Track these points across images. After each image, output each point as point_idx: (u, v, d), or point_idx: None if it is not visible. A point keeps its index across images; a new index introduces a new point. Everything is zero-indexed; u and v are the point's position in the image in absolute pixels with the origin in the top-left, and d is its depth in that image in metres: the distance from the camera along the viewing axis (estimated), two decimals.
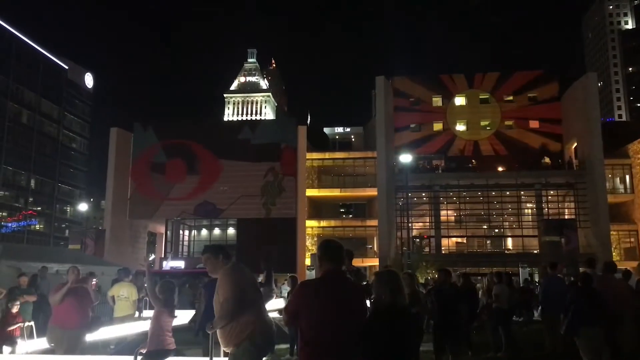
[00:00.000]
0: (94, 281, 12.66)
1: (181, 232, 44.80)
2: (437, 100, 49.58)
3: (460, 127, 49.07)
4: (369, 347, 4.16)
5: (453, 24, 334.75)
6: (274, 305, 11.52)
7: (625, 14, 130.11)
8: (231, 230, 44.44)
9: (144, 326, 8.10)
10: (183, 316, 9.03)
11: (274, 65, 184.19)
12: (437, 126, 49.12)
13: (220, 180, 41.89)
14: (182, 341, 8.12)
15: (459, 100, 49.59)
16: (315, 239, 43.42)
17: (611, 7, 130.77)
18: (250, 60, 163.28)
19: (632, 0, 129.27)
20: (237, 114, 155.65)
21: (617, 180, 45.09)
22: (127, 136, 43.99)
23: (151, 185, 42.03)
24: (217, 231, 46.54)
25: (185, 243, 45.43)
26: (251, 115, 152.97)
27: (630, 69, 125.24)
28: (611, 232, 40.56)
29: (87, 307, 7.92)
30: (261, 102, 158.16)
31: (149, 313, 10.43)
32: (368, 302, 5.03)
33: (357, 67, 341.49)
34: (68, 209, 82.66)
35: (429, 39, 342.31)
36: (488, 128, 48.55)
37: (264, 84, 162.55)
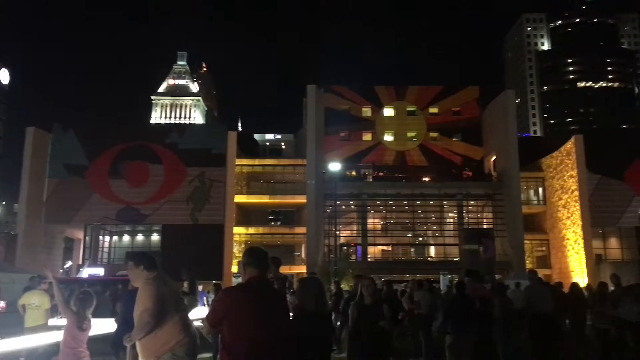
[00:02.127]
0: None
1: (101, 238, 42.86)
2: (367, 111, 50.73)
3: (388, 137, 50.40)
4: (294, 351, 4.18)
5: (385, 39, 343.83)
6: (199, 314, 11.28)
7: (542, 36, 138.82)
8: (155, 237, 43.09)
9: (57, 336, 7.69)
10: (101, 325, 8.65)
11: (205, 69, 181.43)
12: (366, 136, 50.22)
13: (146, 185, 40.62)
14: (98, 352, 7.77)
15: (388, 112, 50.98)
16: (243, 245, 42.96)
17: (529, 28, 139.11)
18: (180, 62, 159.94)
19: (548, 22, 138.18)
20: (165, 117, 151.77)
21: (532, 192, 47.86)
22: (45, 137, 41.74)
23: (70, 188, 40.06)
24: (140, 237, 44.98)
25: (105, 249, 43.51)
26: (180, 119, 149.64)
27: (545, 87, 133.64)
28: (525, 241, 42.95)
29: None
30: (190, 106, 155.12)
31: (54, 322, 9.98)
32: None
33: (290, 75, 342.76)
34: None
35: (360, 50, 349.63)
36: (414, 139, 50.19)
37: (194, 87, 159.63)
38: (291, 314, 4.77)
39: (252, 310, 3.62)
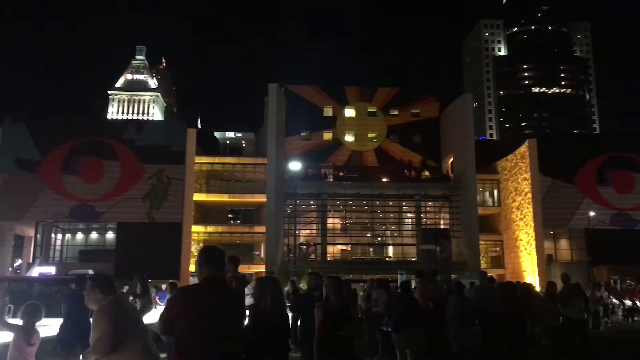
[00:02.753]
0: None
1: (53, 235, 41.53)
2: (328, 111, 50.96)
3: (349, 137, 50.75)
4: (250, 351, 4.15)
5: (346, 39, 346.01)
6: (154, 316, 11.06)
7: (499, 42, 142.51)
8: (110, 235, 42.05)
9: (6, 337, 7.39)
10: (53, 327, 8.40)
11: (165, 64, 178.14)
12: (327, 136, 50.44)
13: (101, 181, 39.61)
14: (47, 353, 7.53)
15: (349, 112, 51.34)
16: (201, 244, 42.43)
17: (487, 34, 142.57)
18: (138, 57, 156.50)
19: (505, 29, 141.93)
20: (123, 113, 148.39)
21: (487, 194, 49.11)
22: None
23: (20, 184, 38.66)
24: (94, 235, 43.83)
25: (58, 248, 42.18)
26: (138, 115, 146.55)
27: (501, 92, 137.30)
28: (480, 242, 44.03)
29: None
30: (149, 102, 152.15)
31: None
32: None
33: (251, 73, 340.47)
34: None
35: (323, 51, 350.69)
36: (374, 140, 50.70)
37: (152, 83, 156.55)
38: (253, 315, 4.74)
39: (206, 310, 3.57)
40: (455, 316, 9.63)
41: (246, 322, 4.53)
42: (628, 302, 20.73)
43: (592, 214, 41.80)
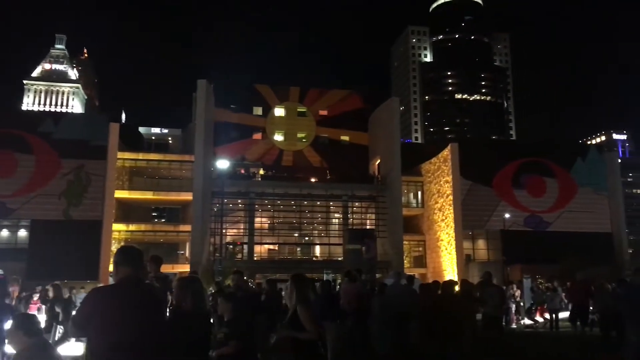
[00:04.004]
0: None
1: None
2: (258, 110, 50.69)
3: (279, 137, 50.71)
4: (169, 352, 4.05)
5: (278, 39, 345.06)
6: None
7: (425, 48, 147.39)
8: (23, 233, 39.58)
9: None
10: None
11: (86, 55, 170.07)
12: (257, 135, 50.14)
13: (13, 176, 37.25)
14: None
15: (279, 112, 51.30)
16: (123, 243, 40.88)
17: (414, 40, 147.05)
18: (58, 46, 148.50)
19: (431, 36, 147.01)
20: (40, 104, 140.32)
21: (411, 195, 50.61)
22: None
23: None
24: (5, 233, 41.04)
25: None
26: (56, 107, 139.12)
27: (427, 97, 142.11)
28: (404, 242, 45.32)
29: None
30: (69, 94, 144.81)
31: None
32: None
33: (180, 69, 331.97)
34: None
35: (253, 49, 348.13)
36: (304, 140, 50.97)
37: (73, 74, 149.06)
38: (168, 315, 4.62)
39: (121, 311, 3.45)
40: (379, 315, 9.86)
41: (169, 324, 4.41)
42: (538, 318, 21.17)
43: (507, 216, 44.12)
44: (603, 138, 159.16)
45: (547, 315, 19.36)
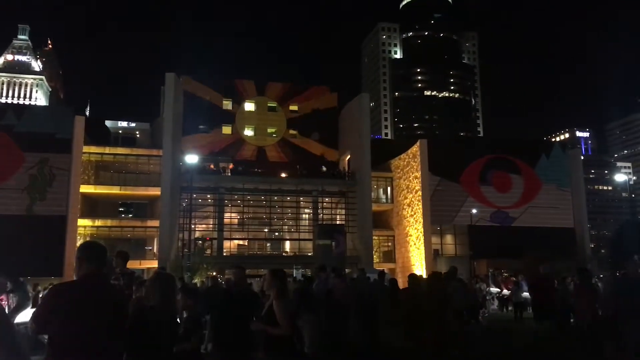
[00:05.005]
0: None
1: None
2: (228, 104, 50.17)
3: (249, 132, 50.36)
4: (133, 349, 4.00)
5: (249, 33, 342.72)
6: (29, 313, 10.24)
7: (396, 45, 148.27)
8: None
9: None
10: None
11: (51, 46, 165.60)
12: (226, 129, 49.66)
13: None
14: None
15: (249, 106, 50.90)
16: (88, 239, 40.04)
17: (384, 36, 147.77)
18: (21, 36, 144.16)
19: (401, 33, 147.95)
20: (1, 96, 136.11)
21: (381, 191, 50.98)
22: None
23: None
24: None
25: None
26: (19, 99, 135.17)
27: (396, 93, 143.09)
28: (373, 237, 45.65)
29: None
30: (32, 85, 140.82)
31: None
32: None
33: (148, 61, 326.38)
34: None
35: (223, 43, 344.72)
36: (274, 135, 50.73)
37: (36, 65, 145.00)
38: (136, 311, 4.55)
39: (82, 308, 3.37)
40: (354, 308, 9.98)
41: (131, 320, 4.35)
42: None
43: (474, 211, 44.87)
44: (567, 136, 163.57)
45: (511, 307, 19.86)
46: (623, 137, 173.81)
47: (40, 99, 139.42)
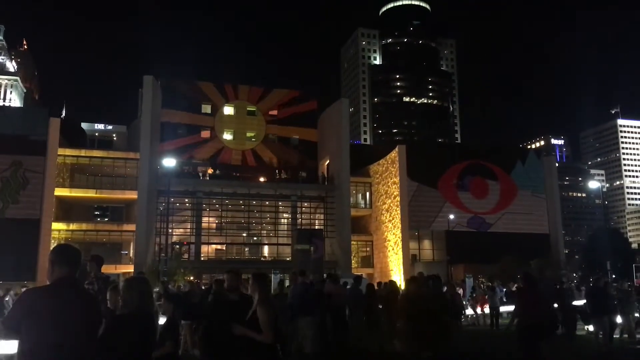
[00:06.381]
0: None
1: None
2: (207, 108, 49.85)
3: (227, 136, 50.08)
4: (107, 356, 3.93)
5: (228, 37, 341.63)
6: None
7: (375, 51, 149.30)
8: None
9: None
10: None
11: (26, 46, 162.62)
12: (205, 133, 49.32)
13: None
14: None
15: (228, 110, 50.64)
16: (62, 242, 39.31)
17: (364, 42, 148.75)
18: None
19: (381, 39, 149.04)
20: None
21: (360, 196, 51.13)
22: None
23: None
24: None
25: None
26: None
27: (376, 99, 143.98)
28: (352, 242, 45.72)
29: None
30: (6, 86, 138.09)
31: None
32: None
33: (126, 64, 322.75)
34: None
35: (202, 46, 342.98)
36: (253, 139, 50.54)
37: (11, 65, 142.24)
38: (112, 316, 4.48)
39: (55, 313, 3.31)
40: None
41: (106, 325, 4.28)
42: (478, 310, 21.53)
43: (451, 217, 45.31)
44: (542, 143, 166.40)
45: (487, 310, 19.92)
46: (597, 145, 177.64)
47: (14, 100, 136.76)
